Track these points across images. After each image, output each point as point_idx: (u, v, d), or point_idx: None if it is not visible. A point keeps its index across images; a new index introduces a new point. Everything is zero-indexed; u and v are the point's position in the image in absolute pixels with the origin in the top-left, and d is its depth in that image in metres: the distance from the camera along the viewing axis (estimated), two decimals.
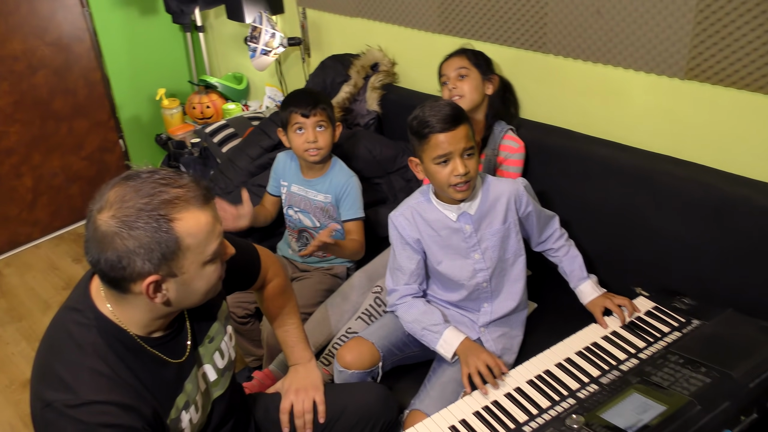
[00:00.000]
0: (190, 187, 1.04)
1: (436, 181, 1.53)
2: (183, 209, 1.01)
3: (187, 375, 1.20)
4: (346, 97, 2.53)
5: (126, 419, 1.03)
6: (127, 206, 0.98)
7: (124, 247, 0.98)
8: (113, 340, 1.08)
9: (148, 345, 1.13)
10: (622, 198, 1.81)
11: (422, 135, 1.49)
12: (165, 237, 0.99)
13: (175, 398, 1.16)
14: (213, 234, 1.06)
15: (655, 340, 1.51)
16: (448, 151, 1.47)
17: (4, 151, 3.10)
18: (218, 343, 1.29)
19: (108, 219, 0.98)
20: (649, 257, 1.80)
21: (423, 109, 1.50)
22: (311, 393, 1.46)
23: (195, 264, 1.05)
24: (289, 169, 2.12)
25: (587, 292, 1.67)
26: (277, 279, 1.56)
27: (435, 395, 1.51)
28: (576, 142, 1.92)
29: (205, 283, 1.10)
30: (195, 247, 1.03)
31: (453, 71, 1.93)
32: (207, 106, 3.38)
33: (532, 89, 2.08)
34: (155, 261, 1.00)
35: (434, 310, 1.61)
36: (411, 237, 1.61)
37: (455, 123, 1.47)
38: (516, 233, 1.63)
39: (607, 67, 1.84)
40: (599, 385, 1.39)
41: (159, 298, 1.05)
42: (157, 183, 1.01)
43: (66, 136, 3.30)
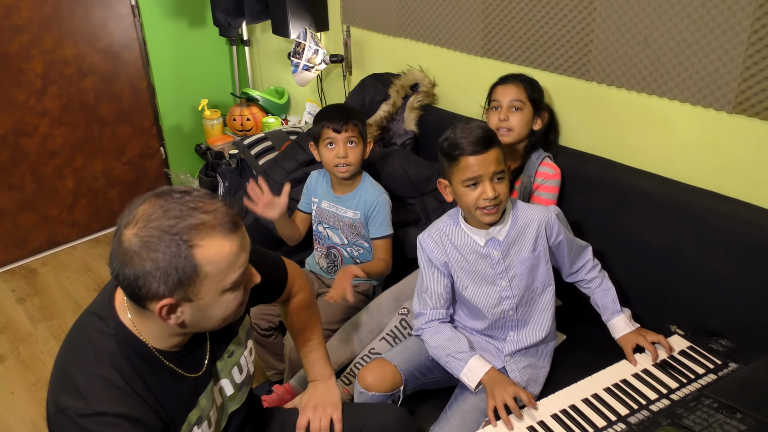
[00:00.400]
0: (219, 213, 1.02)
1: (464, 203, 1.51)
2: (207, 236, 0.99)
3: (203, 390, 1.19)
4: (384, 115, 2.54)
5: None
6: (151, 226, 0.98)
7: (141, 268, 0.98)
8: (130, 351, 1.09)
9: (165, 358, 1.13)
10: (661, 232, 1.76)
11: (452, 157, 1.48)
12: (183, 263, 0.98)
13: (188, 413, 1.16)
14: (235, 264, 1.04)
15: (689, 381, 1.46)
16: (478, 174, 1.46)
17: (49, 152, 3.20)
18: (237, 358, 1.29)
19: (131, 236, 0.98)
20: (687, 295, 1.74)
21: (454, 131, 1.49)
22: (329, 411, 1.45)
23: (212, 291, 1.04)
24: (320, 186, 2.14)
25: (620, 327, 1.62)
26: (303, 293, 1.55)
27: (455, 423, 1.49)
28: (616, 172, 1.89)
29: (222, 311, 1.08)
30: (214, 275, 1.02)
31: (507, 101, 1.89)
32: (247, 119, 3.43)
33: (573, 116, 2.06)
34: (170, 285, 0.99)
35: (460, 337, 1.59)
36: (438, 260, 1.60)
37: (486, 146, 1.46)
38: (546, 262, 1.60)
39: (652, 97, 1.81)
40: (627, 425, 1.34)
41: (173, 320, 1.05)
42: (186, 206, 1.00)
43: (109, 141, 3.39)
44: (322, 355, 1.55)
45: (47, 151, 3.19)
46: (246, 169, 2.99)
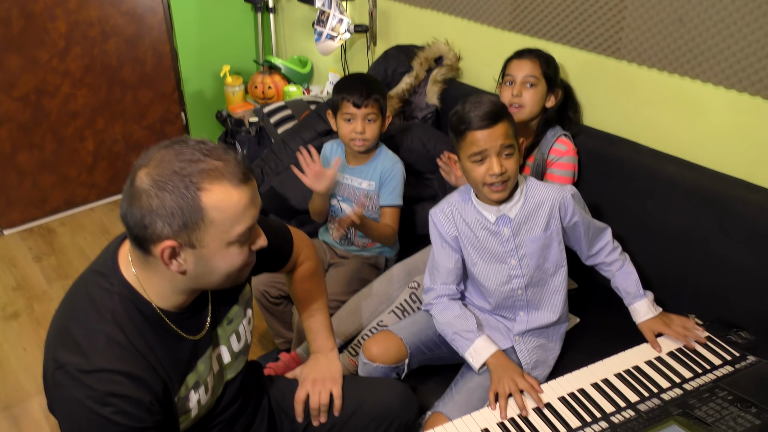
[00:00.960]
0: (231, 163, 1.02)
1: (471, 179, 1.49)
2: (216, 181, 0.99)
3: (201, 354, 1.19)
4: (406, 88, 2.51)
5: (134, 391, 1.03)
6: (163, 167, 0.99)
7: (148, 206, 0.98)
8: (133, 309, 1.09)
9: (168, 318, 1.12)
10: (686, 219, 1.72)
11: (459, 131, 1.46)
12: (190, 204, 0.98)
13: (186, 376, 1.15)
14: (243, 216, 1.03)
15: (704, 372, 1.43)
16: (484, 149, 1.43)
17: (70, 113, 3.22)
18: (236, 326, 1.29)
19: (143, 176, 0.99)
20: (709, 285, 1.71)
21: (464, 105, 1.47)
22: (329, 385, 1.44)
23: (217, 241, 1.03)
24: (334, 158, 2.11)
25: (642, 311, 1.59)
26: (309, 263, 1.54)
27: (460, 400, 1.48)
28: (641, 155, 1.84)
29: (227, 265, 1.07)
30: (220, 223, 1.01)
31: (522, 76, 1.86)
32: (269, 87, 3.42)
33: (599, 96, 2.00)
34: (175, 226, 0.99)
35: (469, 316, 1.57)
36: (449, 235, 1.58)
37: (494, 120, 1.43)
38: (558, 243, 1.57)
39: (684, 78, 1.75)
40: (636, 412, 1.32)
41: (175, 266, 1.04)
42: (200, 151, 1.01)
43: (130, 104, 3.40)
44: (326, 326, 1.54)
45: (68, 111, 3.21)
46: (265, 137, 2.98)
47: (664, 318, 1.56)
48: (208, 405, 1.23)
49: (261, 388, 1.45)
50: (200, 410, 1.20)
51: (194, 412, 1.19)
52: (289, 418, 1.44)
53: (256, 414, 1.40)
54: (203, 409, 1.21)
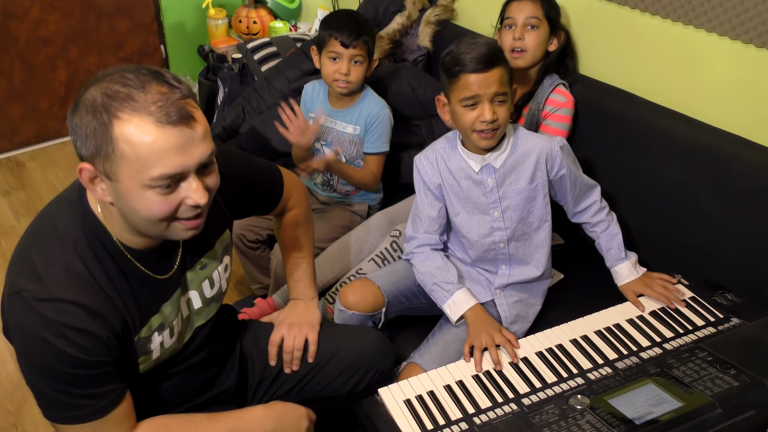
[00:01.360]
0: (161, 98, 0.95)
1: (460, 124, 1.47)
2: (134, 113, 0.94)
3: (168, 297, 1.17)
4: (397, 28, 2.44)
5: (90, 324, 1.02)
6: (100, 87, 0.96)
7: (72, 122, 0.98)
8: (96, 241, 1.07)
9: (132, 255, 1.10)
10: (678, 176, 1.70)
11: (452, 73, 1.42)
12: (100, 130, 0.95)
13: (150, 318, 1.14)
14: (161, 160, 0.95)
15: (686, 332, 1.44)
16: (477, 94, 1.40)
17: (40, 40, 3.12)
18: (210, 272, 1.27)
19: (92, 89, 0.97)
20: (697, 245, 1.70)
21: (458, 45, 1.43)
22: (305, 330, 1.44)
23: (131, 179, 0.97)
24: (317, 99, 2.07)
25: (623, 274, 1.59)
26: (298, 209, 1.53)
27: (436, 352, 1.49)
28: (637, 108, 1.81)
29: (145, 209, 1.00)
30: (132, 160, 0.95)
31: (523, 17, 1.81)
32: (254, 21, 3.33)
33: (598, 43, 1.96)
34: (90, 149, 0.97)
35: (450, 267, 1.57)
36: (433, 182, 1.56)
37: (490, 64, 1.39)
38: (544, 196, 1.56)
39: (688, 27, 1.71)
40: (613, 369, 1.33)
41: (99, 193, 1.01)
42: (141, 80, 0.96)
43: (106, 34, 3.30)
44: (309, 274, 1.54)
45: (39, 38, 3.11)
46: (248, 75, 2.91)
47: (646, 279, 1.57)
48: (173, 349, 1.22)
49: (234, 334, 1.45)
50: (163, 353, 1.19)
51: (156, 354, 1.18)
52: (261, 364, 1.44)
53: (226, 361, 1.40)
54: (166, 352, 1.21)
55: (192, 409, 1.31)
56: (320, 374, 1.44)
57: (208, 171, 1.05)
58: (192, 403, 1.32)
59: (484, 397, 1.29)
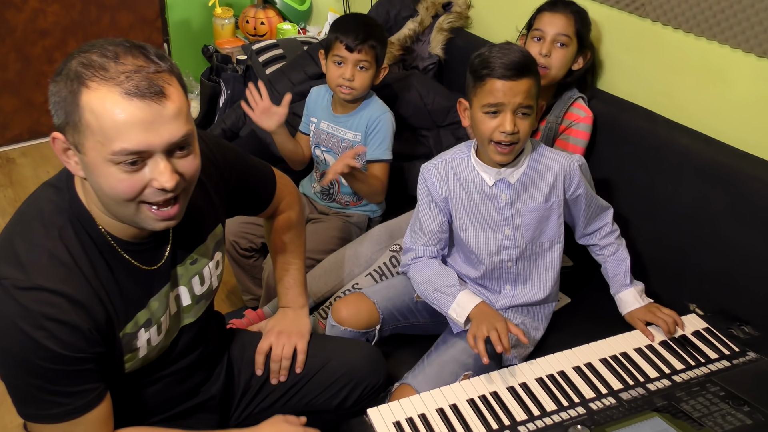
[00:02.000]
0: (135, 70, 0.94)
1: (478, 132, 1.45)
2: (103, 83, 0.94)
3: (156, 292, 1.17)
4: (408, 34, 2.46)
5: (72, 316, 1.02)
6: (76, 57, 0.97)
7: (50, 89, 0.99)
8: (81, 230, 1.07)
9: (118, 246, 1.10)
10: (696, 197, 1.69)
11: (479, 76, 1.41)
12: (70, 97, 0.96)
13: (137, 313, 1.14)
14: (124, 134, 0.94)
15: (697, 364, 1.41)
16: (501, 102, 1.39)
17: (38, 31, 3.14)
18: (200, 268, 1.27)
19: (71, 58, 0.98)
20: (714, 271, 1.68)
21: (491, 49, 1.42)
22: (294, 339, 1.44)
23: (96, 152, 0.96)
24: (319, 105, 2.07)
25: (628, 302, 1.58)
26: (291, 211, 1.53)
27: (431, 373, 1.47)
28: (656, 125, 1.80)
29: (108, 186, 0.99)
30: (96, 131, 0.95)
31: (553, 33, 1.78)
32: (261, 22, 3.35)
33: (617, 57, 1.96)
34: (61, 118, 0.98)
35: (449, 272, 1.56)
36: (439, 195, 1.55)
37: (520, 73, 1.38)
38: (558, 216, 1.55)
39: (712, 43, 1.70)
40: (617, 400, 1.31)
41: (72, 166, 1.02)
42: (117, 47, 0.97)
43: (107, 28, 3.33)
44: (299, 281, 1.53)
45: (37, 29, 3.14)
46: (252, 77, 2.92)
47: (653, 308, 1.55)
48: (161, 347, 1.22)
49: (222, 341, 1.44)
50: (150, 351, 1.19)
51: (143, 352, 1.18)
52: (247, 373, 1.44)
53: (213, 368, 1.39)
54: (154, 351, 1.20)
55: (175, 415, 1.31)
56: (308, 386, 1.43)
57: (182, 154, 1.03)
58: (175, 410, 1.31)
59: (479, 423, 1.27)
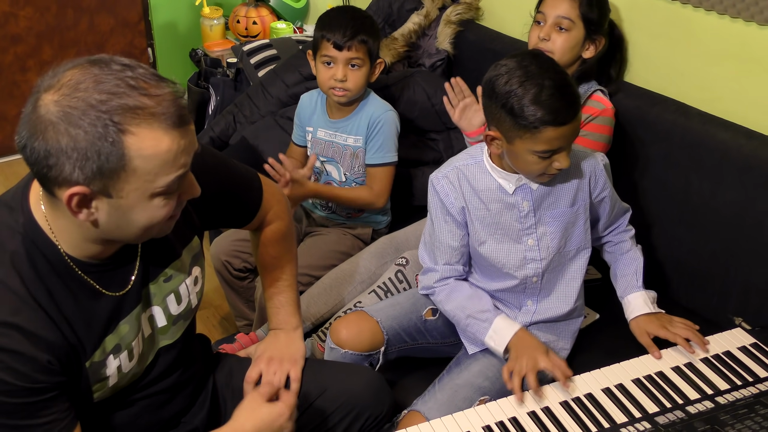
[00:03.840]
0: (166, 100, 0.98)
1: (525, 168, 1.44)
2: (144, 123, 0.96)
3: (126, 314, 1.17)
4: (413, 29, 2.48)
5: (27, 347, 1.02)
6: (77, 96, 0.95)
7: (55, 143, 0.94)
8: (37, 255, 1.07)
9: (79, 268, 1.10)
10: (738, 198, 1.68)
11: (528, 125, 1.35)
12: (108, 149, 0.95)
13: (104, 338, 1.14)
14: (173, 164, 1.01)
15: (744, 384, 1.39)
16: (559, 147, 1.38)
17: (9, 37, 3.20)
18: (176, 285, 1.27)
19: (50, 103, 0.95)
20: (761, 282, 1.67)
21: (525, 86, 1.34)
22: (286, 366, 1.43)
23: (139, 192, 1.01)
24: (313, 112, 2.08)
25: (637, 306, 1.56)
26: (279, 222, 1.53)
27: (443, 399, 1.46)
28: (690, 119, 1.80)
29: (147, 218, 1.05)
30: (144, 173, 0.99)
31: (554, 16, 1.81)
32: (254, 22, 3.39)
33: (645, 46, 1.96)
34: (88, 172, 0.96)
35: (482, 295, 1.56)
36: (455, 206, 1.54)
37: (573, 115, 1.36)
38: (585, 220, 1.54)
39: (750, 24, 1.71)
40: (653, 425, 1.29)
41: (84, 215, 1.02)
42: (125, 82, 0.96)
43: (86, 32, 3.38)
44: (291, 300, 1.53)
45: (7, 35, 3.19)
46: (243, 81, 2.95)
47: (663, 319, 1.53)
48: (134, 373, 1.22)
49: (207, 366, 1.44)
50: (121, 378, 1.19)
51: (113, 380, 1.17)
52: (234, 403, 1.41)
53: (197, 396, 1.39)
54: (125, 378, 1.20)
55: None
56: (303, 418, 1.41)
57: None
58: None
59: None
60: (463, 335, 1.59)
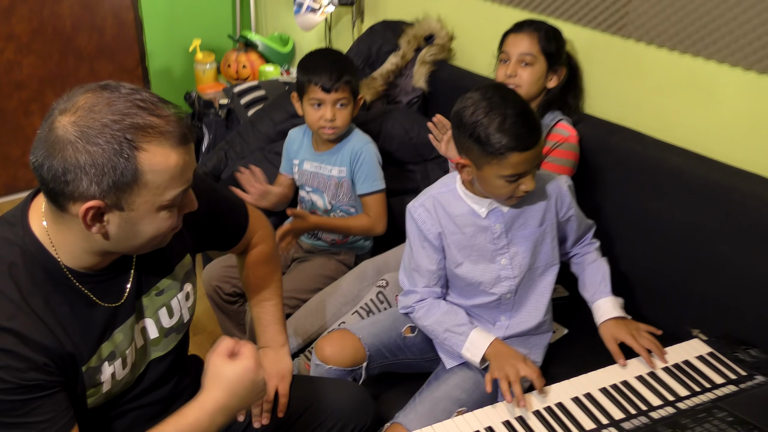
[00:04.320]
0: (171, 121, 1.02)
1: (494, 192, 1.45)
2: (154, 141, 0.99)
3: (120, 324, 1.17)
4: (391, 69, 2.49)
5: (23, 349, 1.01)
6: (93, 117, 0.97)
7: (74, 160, 0.96)
8: (35, 265, 1.07)
9: (76, 279, 1.10)
10: (692, 218, 1.69)
11: (494, 152, 1.36)
12: (123, 165, 0.98)
13: (100, 345, 1.14)
14: (179, 179, 1.04)
15: (702, 390, 1.39)
16: (524, 171, 1.39)
17: (14, 83, 3.19)
18: (168, 299, 1.26)
19: (68, 124, 0.97)
20: (715, 295, 1.67)
21: (490, 117, 1.35)
22: (274, 381, 1.42)
23: (148, 205, 1.03)
24: (301, 145, 2.09)
25: (605, 310, 1.56)
26: (263, 245, 1.53)
27: (423, 411, 1.45)
28: (645, 146, 1.82)
29: (154, 229, 1.08)
30: (154, 186, 1.02)
31: (517, 53, 1.85)
32: (243, 66, 3.40)
33: (603, 80, 1.98)
34: (104, 186, 0.98)
35: (458, 310, 1.56)
36: (432, 232, 1.54)
37: (536, 140, 1.38)
38: (552, 239, 1.55)
39: (697, 59, 1.73)
40: (619, 430, 1.28)
41: (97, 228, 1.03)
42: (135, 104, 0.99)
43: (86, 78, 3.38)
44: (278, 319, 1.52)
45: (12, 81, 3.18)
46: (234, 120, 2.96)
47: (631, 326, 1.52)
48: (126, 381, 1.21)
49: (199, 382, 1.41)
50: (114, 385, 1.18)
51: (106, 387, 1.16)
52: None
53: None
54: (118, 385, 1.19)
55: None
56: (291, 430, 1.40)
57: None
58: None
59: None
60: (441, 350, 1.59)
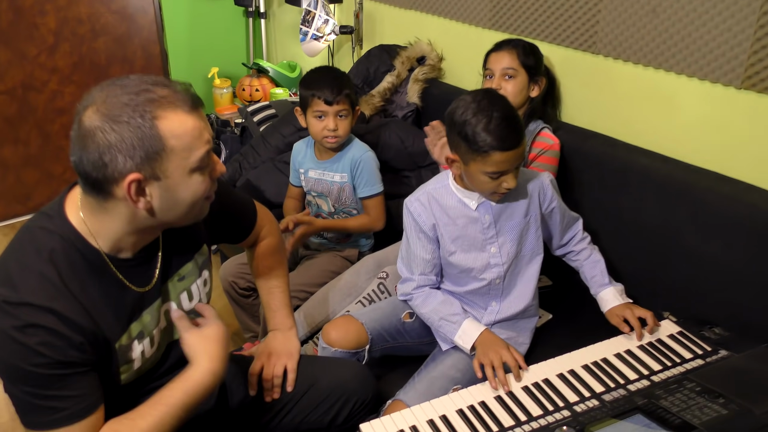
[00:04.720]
0: (179, 91, 1.02)
1: (479, 187, 1.42)
2: (168, 109, 0.98)
3: (148, 305, 1.15)
4: (387, 87, 2.47)
5: (62, 328, 0.99)
6: (111, 102, 0.96)
7: (105, 142, 0.95)
8: (73, 251, 1.04)
9: (113, 264, 1.08)
10: (659, 213, 1.66)
11: (479, 150, 1.33)
12: (149, 134, 0.96)
13: (130, 324, 1.11)
14: (200, 140, 1.02)
15: (674, 364, 1.35)
16: (506, 169, 1.36)
17: (57, 110, 3.17)
18: (188, 284, 1.24)
19: (92, 114, 0.96)
20: (683, 281, 1.64)
21: (477, 117, 1.33)
22: (283, 359, 1.40)
23: (180, 169, 1.01)
24: (304, 156, 2.05)
25: (609, 300, 1.53)
26: (271, 238, 1.51)
27: (421, 389, 1.41)
28: (616, 150, 1.79)
29: (191, 194, 1.05)
30: (180, 150, 0.99)
31: (500, 69, 1.82)
32: (256, 89, 3.38)
33: (576, 92, 1.96)
34: (138, 159, 0.97)
35: (453, 301, 1.52)
36: (426, 224, 1.51)
37: (518, 141, 1.34)
38: (536, 229, 1.52)
39: (659, 71, 1.71)
40: (600, 401, 1.24)
41: (142, 203, 1.01)
42: (145, 83, 1.00)
43: None
44: (285, 304, 1.49)
45: (55, 108, 3.16)
46: (247, 136, 2.93)
47: (632, 307, 1.50)
48: (153, 359, 1.19)
49: None
50: (144, 362, 1.16)
51: (137, 364, 1.14)
52: (239, 394, 1.38)
53: None
54: (147, 363, 1.17)
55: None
56: (299, 404, 1.38)
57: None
58: None
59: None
60: (437, 334, 1.55)
